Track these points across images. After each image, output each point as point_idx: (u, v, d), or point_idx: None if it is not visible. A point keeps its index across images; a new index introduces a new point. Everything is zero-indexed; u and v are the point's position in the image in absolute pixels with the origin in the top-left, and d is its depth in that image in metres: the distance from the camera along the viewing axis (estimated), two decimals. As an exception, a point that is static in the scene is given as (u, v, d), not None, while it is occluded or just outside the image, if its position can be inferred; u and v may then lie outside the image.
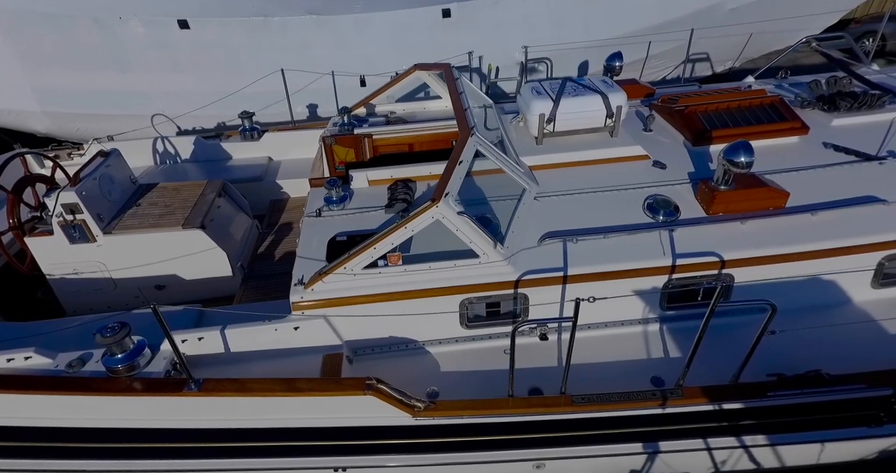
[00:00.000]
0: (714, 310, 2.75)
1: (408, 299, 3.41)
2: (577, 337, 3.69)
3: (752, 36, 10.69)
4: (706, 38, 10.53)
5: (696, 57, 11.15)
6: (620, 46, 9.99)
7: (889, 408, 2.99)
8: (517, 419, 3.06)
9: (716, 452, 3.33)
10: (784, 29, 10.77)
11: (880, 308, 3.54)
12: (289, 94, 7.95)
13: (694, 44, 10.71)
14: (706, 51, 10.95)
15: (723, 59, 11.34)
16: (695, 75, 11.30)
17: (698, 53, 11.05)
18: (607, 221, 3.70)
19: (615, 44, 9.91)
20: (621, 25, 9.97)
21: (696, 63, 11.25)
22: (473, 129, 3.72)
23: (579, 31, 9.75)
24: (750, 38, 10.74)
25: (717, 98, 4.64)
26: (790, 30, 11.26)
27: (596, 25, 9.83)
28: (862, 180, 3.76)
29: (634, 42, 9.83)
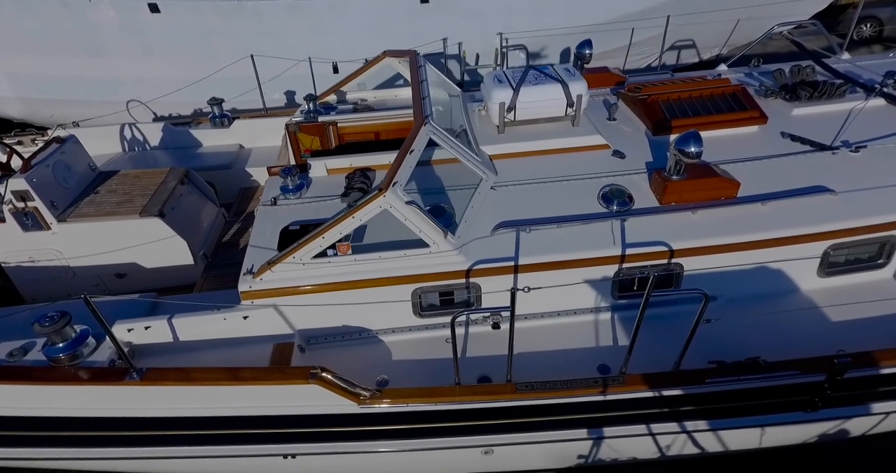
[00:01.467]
0: (649, 300, 2.78)
1: (359, 288, 3.42)
2: (531, 325, 3.75)
3: (738, 22, 10.62)
4: (691, 24, 10.44)
5: (682, 44, 11.07)
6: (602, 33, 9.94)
7: (823, 394, 3.06)
8: (463, 406, 3.10)
9: (660, 437, 3.40)
10: (771, 15, 10.70)
11: (825, 296, 3.60)
12: (259, 81, 7.82)
13: (679, 30, 10.62)
14: (691, 37, 10.88)
15: (709, 46, 11.27)
16: (681, 62, 11.25)
17: (684, 40, 10.97)
18: (562, 211, 3.71)
19: (597, 30, 9.85)
20: (603, 12, 9.87)
21: (681, 50, 11.19)
22: (428, 118, 3.69)
23: (560, 18, 9.65)
24: (737, 24, 10.66)
25: (679, 87, 4.62)
26: (778, 16, 11.19)
27: (577, 12, 9.72)
28: (814, 170, 3.78)
29: (617, 29, 9.74)
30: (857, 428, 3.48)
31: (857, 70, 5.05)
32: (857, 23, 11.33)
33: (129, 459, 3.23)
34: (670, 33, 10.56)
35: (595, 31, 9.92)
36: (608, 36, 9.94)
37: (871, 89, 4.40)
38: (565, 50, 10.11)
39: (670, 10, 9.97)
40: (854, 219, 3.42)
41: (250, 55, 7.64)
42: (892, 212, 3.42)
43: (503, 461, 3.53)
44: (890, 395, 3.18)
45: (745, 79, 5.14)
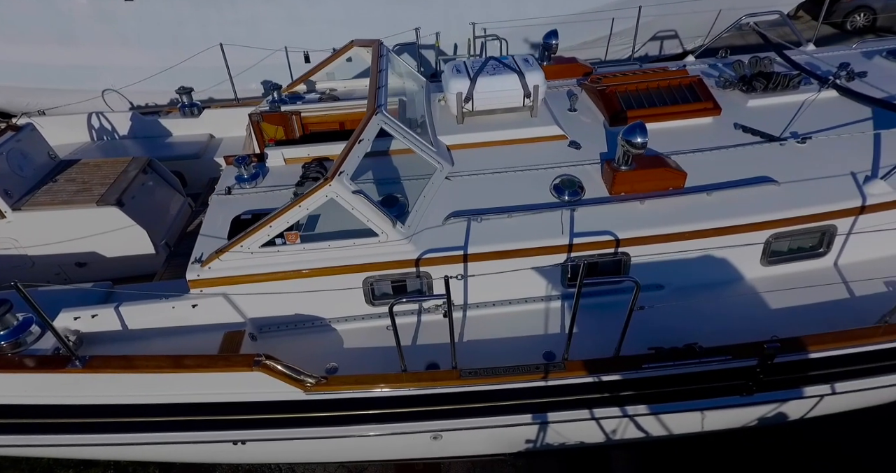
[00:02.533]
0: (581, 289, 2.84)
1: (309, 277, 3.45)
2: (483, 314, 3.81)
3: (720, 12, 10.62)
4: (673, 15, 10.44)
5: (665, 34, 11.08)
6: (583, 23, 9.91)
7: (756, 378, 3.15)
8: (408, 393, 3.16)
9: (604, 422, 3.49)
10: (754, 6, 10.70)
11: (768, 284, 3.69)
12: (230, 70, 7.75)
13: (661, 20, 10.61)
14: (674, 28, 10.88)
15: (692, 36, 11.27)
16: (665, 53, 11.25)
17: (666, 31, 10.97)
18: (515, 201, 3.76)
19: (576, 20, 9.82)
20: (582, 1, 9.84)
21: (664, 41, 11.18)
22: (380, 108, 3.70)
23: (539, 8, 9.61)
24: (719, 14, 10.66)
25: (638, 78, 4.65)
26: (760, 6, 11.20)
27: (555, 1, 9.69)
28: (761, 160, 3.85)
29: (595, 19, 9.71)
30: (794, 412, 3.59)
31: (819, 61, 5.10)
32: (850, 12, 11.37)
33: (76, 446, 3.27)
34: (653, 24, 10.56)
35: (574, 21, 9.92)
36: (589, 26, 9.93)
37: (825, 81, 4.46)
38: (543, 41, 10.09)
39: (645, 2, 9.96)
40: (794, 209, 3.50)
41: (219, 44, 7.53)
42: (831, 202, 3.50)
43: (453, 446, 3.62)
44: (822, 379, 3.28)
45: (709, 71, 5.19)
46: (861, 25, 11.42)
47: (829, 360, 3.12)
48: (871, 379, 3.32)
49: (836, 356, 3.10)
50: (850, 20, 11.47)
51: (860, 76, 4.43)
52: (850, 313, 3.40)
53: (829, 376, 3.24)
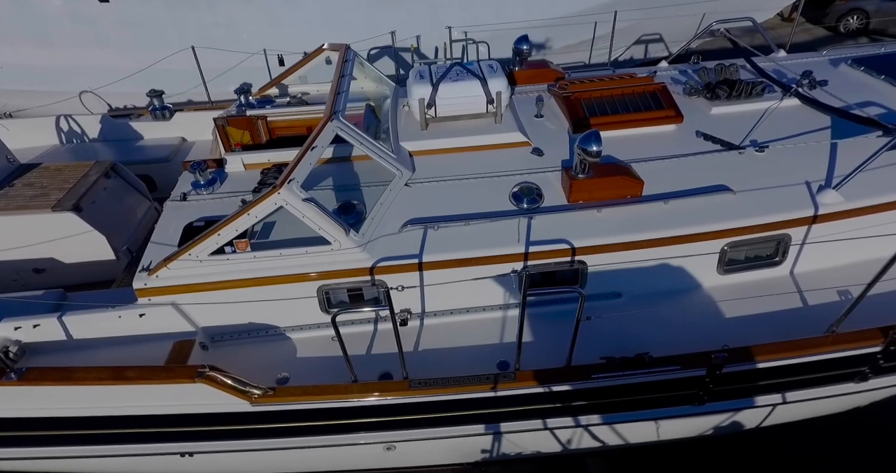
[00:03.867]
0: (526, 299, 2.82)
1: (260, 286, 3.41)
2: (440, 322, 3.78)
3: (704, 16, 10.67)
4: (656, 18, 10.47)
5: (649, 38, 11.12)
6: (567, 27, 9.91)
7: (706, 388, 3.14)
8: (356, 404, 3.13)
9: (558, 431, 3.47)
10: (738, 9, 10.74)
11: (724, 293, 3.69)
12: (202, 72, 7.70)
13: (645, 24, 10.64)
14: (658, 31, 10.92)
15: (677, 40, 11.33)
16: (650, 56, 11.29)
17: (651, 34, 11.02)
18: (475, 208, 3.73)
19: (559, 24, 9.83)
20: (566, 5, 9.84)
21: (649, 44, 11.23)
22: (336, 115, 3.66)
23: (521, 11, 9.61)
24: (703, 18, 10.72)
25: (603, 85, 4.65)
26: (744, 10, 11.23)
27: (537, 5, 9.69)
28: (720, 169, 3.85)
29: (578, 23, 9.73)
30: (748, 421, 3.59)
31: (788, 68, 5.12)
32: (843, 14, 11.42)
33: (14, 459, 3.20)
34: (637, 27, 10.59)
35: (557, 25, 9.94)
36: (573, 29, 9.95)
37: (788, 89, 4.48)
38: (526, 44, 10.09)
39: (633, 4, 9.99)
40: (748, 218, 3.50)
41: (191, 46, 7.47)
42: (784, 211, 3.50)
43: (407, 456, 3.58)
44: (772, 388, 3.28)
45: (679, 77, 5.20)
46: (854, 28, 11.45)
47: (778, 370, 3.12)
48: (822, 389, 3.32)
49: (784, 366, 3.10)
50: (844, 23, 11.49)
51: (821, 84, 4.45)
52: (804, 322, 3.40)
53: (779, 385, 3.24)
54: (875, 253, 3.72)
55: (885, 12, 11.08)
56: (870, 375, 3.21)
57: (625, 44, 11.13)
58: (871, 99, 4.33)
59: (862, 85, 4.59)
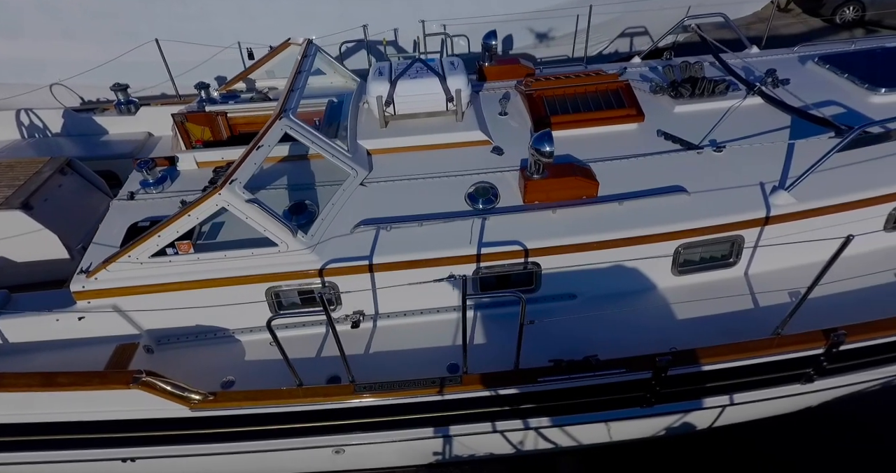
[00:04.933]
0: (466, 302, 2.78)
1: (206, 288, 3.34)
2: (393, 324, 3.74)
3: (689, 9, 10.58)
4: (640, 11, 10.36)
5: (634, 31, 11.04)
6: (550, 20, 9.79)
7: (652, 390, 3.13)
8: (301, 408, 3.08)
9: (509, 434, 3.46)
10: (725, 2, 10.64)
11: (678, 294, 3.67)
12: (168, 65, 7.53)
13: (628, 17, 10.54)
14: (643, 24, 10.82)
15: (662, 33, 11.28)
16: (635, 49, 11.20)
17: (635, 27, 10.93)
18: (430, 208, 3.68)
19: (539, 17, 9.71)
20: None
21: (634, 37, 11.14)
22: (286, 113, 3.58)
23: (501, 5, 9.48)
24: (688, 11, 10.63)
25: (566, 82, 4.59)
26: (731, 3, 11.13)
27: (518, -1, 9.56)
28: (677, 169, 3.82)
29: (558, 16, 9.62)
30: (699, 421, 3.60)
31: (756, 66, 5.08)
32: (840, 5, 11.28)
33: None
34: (621, 20, 10.48)
35: (537, 18, 9.83)
36: (556, 23, 9.84)
37: (752, 87, 4.44)
38: (507, 37, 9.98)
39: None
40: (701, 220, 3.47)
41: (155, 39, 7.30)
42: (737, 213, 3.48)
43: (357, 459, 3.55)
44: (720, 390, 3.28)
45: (649, 74, 5.15)
46: (851, 19, 11.35)
47: (725, 372, 3.12)
48: (770, 390, 3.32)
49: (730, 368, 3.10)
50: (840, 14, 11.38)
51: (784, 83, 4.42)
52: (755, 323, 3.39)
53: (726, 387, 3.24)
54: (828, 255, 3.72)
55: (880, 3, 10.99)
56: (815, 377, 3.21)
57: (608, 37, 11.02)
58: (832, 98, 4.31)
59: (825, 83, 4.57)
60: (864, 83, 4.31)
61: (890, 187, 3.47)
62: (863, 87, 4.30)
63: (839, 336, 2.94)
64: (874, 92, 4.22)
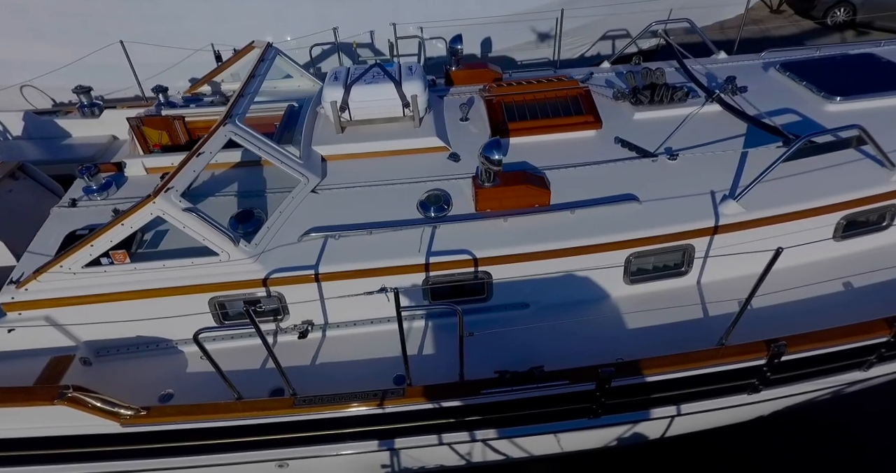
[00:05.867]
0: (400, 314, 2.72)
1: (144, 298, 3.25)
2: (342, 334, 3.67)
3: (671, 12, 10.59)
4: (622, 14, 10.36)
5: (616, 34, 11.05)
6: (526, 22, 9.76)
7: (598, 401, 3.09)
8: (238, 423, 3.00)
9: (457, 446, 3.40)
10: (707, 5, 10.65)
11: (631, 302, 3.64)
12: (133, 68, 7.41)
13: (610, 20, 10.54)
14: (625, 27, 10.84)
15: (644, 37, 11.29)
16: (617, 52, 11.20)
17: (617, 30, 10.94)
18: (383, 216, 3.62)
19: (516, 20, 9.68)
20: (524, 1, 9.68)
21: (615, 40, 11.14)
22: (231, 119, 3.50)
23: (478, 7, 9.44)
24: (670, 14, 10.63)
25: (527, 88, 4.56)
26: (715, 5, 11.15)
27: (496, 1, 9.53)
28: (631, 177, 3.79)
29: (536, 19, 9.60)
30: (650, 432, 3.57)
31: (721, 72, 5.08)
32: (830, 7, 11.30)
33: None
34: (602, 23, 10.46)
35: (516, 21, 9.80)
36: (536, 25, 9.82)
37: (712, 94, 4.43)
38: (485, 40, 9.95)
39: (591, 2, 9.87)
40: (651, 229, 3.44)
41: (120, 41, 7.18)
42: (687, 222, 3.46)
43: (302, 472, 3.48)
44: (667, 401, 3.25)
45: (614, 80, 5.13)
46: (841, 20, 11.37)
47: (670, 383, 3.09)
48: (717, 400, 3.30)
49: (675, 378, 3.07)
50: (831, 15, 11.40)
51: (742, 90, 4.41)
52: (706, 333, 3.37)
53: (672, 398, 3.21)
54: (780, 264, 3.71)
55: (871, 5, 11.01)
56: (760, 387, 3.19)
57: (590, 40, 11.01)
58: (789, 105, 4.31)
59: (785, 91, 4.57)
60: (821, 91, 4.31)
61: (838, 196, 3.47)
62: (819, 96, 4.31)
63: (780, 346, 2.92)
64: (830, 100, 4.22)
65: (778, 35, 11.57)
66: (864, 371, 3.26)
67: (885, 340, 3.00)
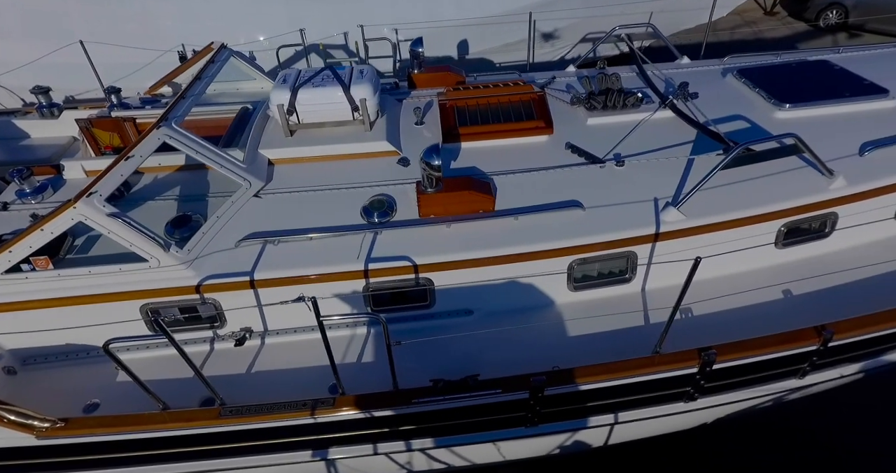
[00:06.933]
0: (323, 325, 2.67)
1: (71, 305, 3.17)
2: (281, 341, 3.60)
3: (651, 15, 10.59)
4: (602, 16, 10.37)
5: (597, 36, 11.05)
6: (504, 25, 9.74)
7: (533, 410, 3.05)
8: (160, 435, 2.93)
9: (396, 455, 3.34)
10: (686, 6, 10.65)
11: (576, 309, 3.61)
12: (95, 68, 7.29)
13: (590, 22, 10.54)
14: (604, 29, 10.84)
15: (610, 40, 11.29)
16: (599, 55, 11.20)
17: (596, 33, 10.94)
18: (324, 221, 3.56)
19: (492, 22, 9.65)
20: (498, 3, 9.65)
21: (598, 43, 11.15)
22: (166, 122, 3.43)
23: (452, 9, 9.40)
24: (650, 17, 10.63)
25: (480, 92, 4.53)
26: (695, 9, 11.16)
27: (469, 2, 9.51)
28: (578, 183, 3.76)
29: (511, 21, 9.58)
30: (592, 439, 3.53)
31: (680, 78, 5.07)
32: (823, 9, 11.27)
33: None
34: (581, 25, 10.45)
35: (490, 23, 9.78)
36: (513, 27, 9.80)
37: (665, 100, 4.42)
38: (461, 42, 9.93)
39: (573, 2, 9.88)
40: (593, 235, 3.41)
41: (79, 41, 7.07)
42: (629, 229, 3.44)
43: (236, 483, 3.40)
44: (604, 409, 3.21)
45: (575, 84, 5.11)
46: (834, 22, 11.37)
47: (604, 391, 3.05)
48: (656, 408, 3.27)
49: (610, 387, 3.03)
50: (824, 18, 11.40)
51: (693, 97, 4.41)
52: (647, 340, 3.33)
53: (609, 406, 3.18)
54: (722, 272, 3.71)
55: (863, 7, 11.04)
56: (696, 395, 3.17)
57: (570, 42, 11.01)
58: (739, 112, 4.31)
59: (738, 97, 4.57)
60: (772, 98, 4.32)
61: (778, 204, 3.47)
62: (770, 102, 4.31)
63: (710, 355, 2.90)
64: (779, 107, 4.23)
65: (770, 37, 11.57)
66: (799, 378, 3.25)
67: (816, 348, 2.99)
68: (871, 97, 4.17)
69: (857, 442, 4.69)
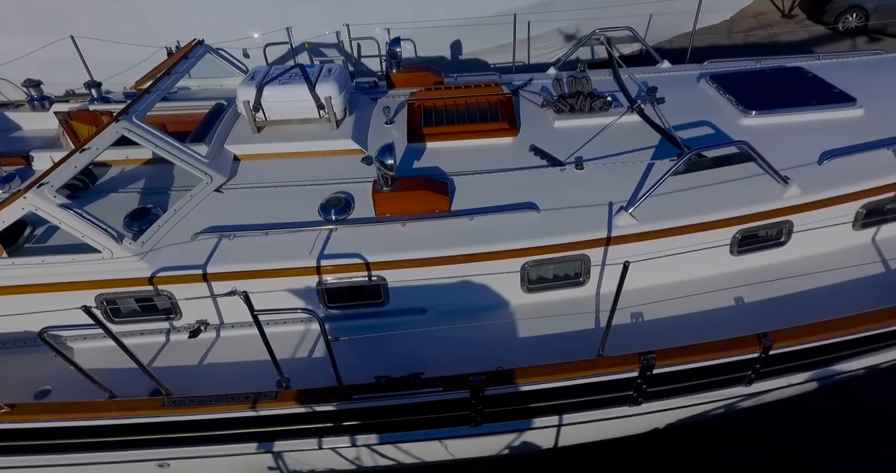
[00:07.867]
0: (258, 319, 2.70)
1: (25, 293, 3.24)
2: (236, 334, 3.64)
3: (651, 17, 10.51)
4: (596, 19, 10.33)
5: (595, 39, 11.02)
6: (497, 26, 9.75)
7: (475, 409, 3.07)
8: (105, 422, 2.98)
9: (343, 450, 3.38)
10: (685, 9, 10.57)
11: (529, 310, 3.62)
12: (85, 62, 7.40)
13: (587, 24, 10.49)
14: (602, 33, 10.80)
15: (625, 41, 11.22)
16: (597, 57, 11.14)
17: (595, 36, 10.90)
18: (283, 217, 3.60)
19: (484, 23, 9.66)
20: (490, 4, 9.65)
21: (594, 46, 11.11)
22: (126, 115, 3.50)
23: (444, 9, 9.41)
24: (650, 19, 10.55)
25: (447, 93, 4.55)
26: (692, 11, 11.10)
27: (461, 3, 9.52)
28: (537, 185, 3.77)
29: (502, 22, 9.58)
30: (541, 441, 3.54)
31: (656, 82, 5.06)
32: (842, 12, 10.99)
33: None
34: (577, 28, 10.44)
35: (482, 24, 9.79)
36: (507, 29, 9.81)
37: (632, 104, 4.42)
38: (454, 43, 9.95)
39: (569, 4, 9.87)
40: (546, 238, 3.42)
41: (70, 36, 7.19)
42: (581, 232, 3.44)
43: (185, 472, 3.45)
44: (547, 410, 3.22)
45: (550, 86, 5.12)
46: (853, 26, 11.11)
47: (546, 392, 3.06)
48: (602, 411, 3.27)
49: (551, 388, 3.04)
50: (843, 21, 11.12)
51: (660, 101, 4.40)
52: (596, 343, 3.34)
53: (553, 407, 3.18)
54: (679, 277, 3.70)
55: (884, 11, 10.77)
56: (640, 399, 3.17)
57: (565, 44, 10.99)
58: (706, 118, 4.29)
59: (708, 103, 4.55)
60: (739, 105, 4.30)
61: (731, 211, 3.45)
62: (737, 109, 4.29)
63: (649, 359, 2.90)
64: (745, 114, 4.21)
65: (786, 40, 11.32)
66: (746, 386, 3.24)
67: (758, 356, 2.98)
68: (837, 105, 4.14)
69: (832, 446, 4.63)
